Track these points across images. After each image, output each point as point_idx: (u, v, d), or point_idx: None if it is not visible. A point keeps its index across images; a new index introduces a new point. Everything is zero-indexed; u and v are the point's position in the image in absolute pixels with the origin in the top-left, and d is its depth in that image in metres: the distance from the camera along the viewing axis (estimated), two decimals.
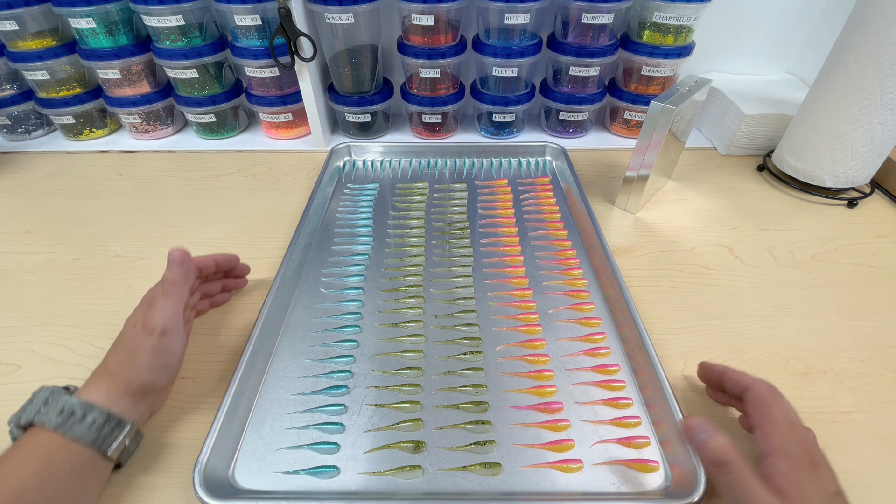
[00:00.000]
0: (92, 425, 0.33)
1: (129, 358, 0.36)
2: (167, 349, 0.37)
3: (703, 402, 0.42)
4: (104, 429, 0.33)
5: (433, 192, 0.67)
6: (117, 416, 0.34)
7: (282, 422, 0.40)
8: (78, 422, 0.32)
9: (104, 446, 0.33)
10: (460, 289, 0.52)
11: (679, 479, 0.35)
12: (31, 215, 0.64)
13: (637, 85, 0.75)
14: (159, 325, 0.36)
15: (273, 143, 0.80)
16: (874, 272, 0.54)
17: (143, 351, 0.36)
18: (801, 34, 0.78)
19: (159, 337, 0.36)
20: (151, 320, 0.37)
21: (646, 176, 0.59)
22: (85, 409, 0.33)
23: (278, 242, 0.58)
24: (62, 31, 0.73)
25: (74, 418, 0.32)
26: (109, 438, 0.33)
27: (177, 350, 0.38)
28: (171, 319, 0.37)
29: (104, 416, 0.33)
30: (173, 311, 0.38)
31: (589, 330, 0.47)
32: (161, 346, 0.36)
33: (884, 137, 0.58)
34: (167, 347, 0.37)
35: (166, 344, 0.37)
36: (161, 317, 0.37)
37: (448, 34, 0.70)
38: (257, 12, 0.67)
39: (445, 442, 0.38)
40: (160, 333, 0.36)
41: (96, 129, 0.80)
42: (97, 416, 0.33)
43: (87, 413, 0.33)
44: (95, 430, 0.33)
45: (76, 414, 0.33)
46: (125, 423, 0.34)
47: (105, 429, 0.33)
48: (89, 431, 0.32)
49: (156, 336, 0.36)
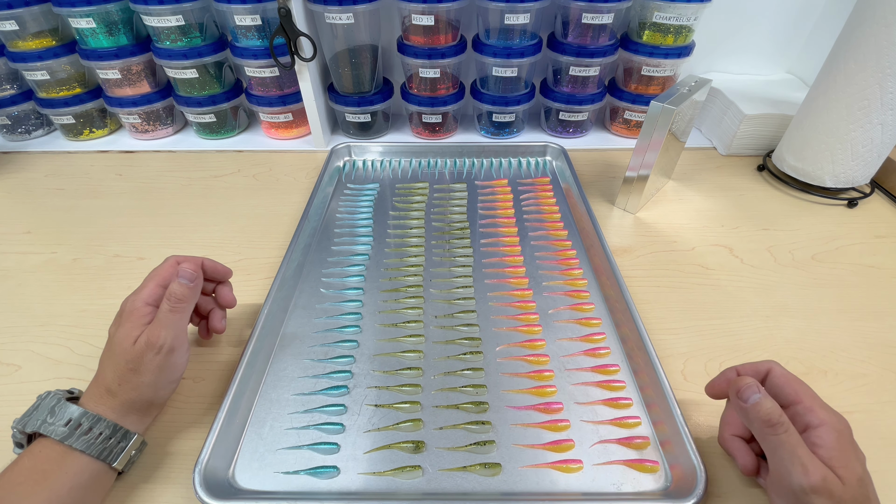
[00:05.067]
0: (98, 437, 0.33)
1: (133, 377, 0.35)
2: (174, 365, 0.37)
3: (703, 402, 0.42)
4: (111, 440, 0.33)
5: (433, 192, 0.67)
6: (123, 428, 0.34)
7: (282, 422, 0.40)
8: (84, 434, 0.32)
9: (110, 458, 0.33)
10: (460, 289, 0.52)
11: (679, 479, 0.35)
12: (31, 215, 0.64)
13: (637, 85, 0.75)
14: (167, 343, 0.35)
15: (273, 143, 0.80)
16: (874, 272, 0.54)
17: (148, 369, 0.35)
18: (801, 34, 0.78)
19: (166, 355, 0.36)
20: (158, 337, 0.35)
21: (646, 176, 0.59)
22: (92, 422, 0.33)
23: (278, 242, 0.58)
24: (62, 31, 0.73)
25: (81, 430, 0.32)
26: (116, 450, 0.33)
27: (182, 365, 0.38)
28: (178, 337, 0.37)
29: (111, 429, 0.33)
30: (181, 328, 0.37)
31: (589, 330, 0.47)
32: (168, 364, 0.36)
33: (884, 137, 0.58)
34: (174, 364, 0.36)
35: (174, 361, 0.36)
36: (169, 335, 0.36)
37: (448, 34, 0.70)
38: (257, 12, 0.67)
39: (445, 442, 0.38)
40: (167, 352, 0.36)
41: (96, 129, 0.80)
42: (104, 428, 0.33)
43: (94, 426, 0.33)
44: (102, 441, 0.33)
45: (83, 426, 0.32)
46: (131, 435, 0.35)
47: (112, 440, 0.33)
48: (96, 444, 0.32)
49: (163, 354, 0.35)
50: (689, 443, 0.36)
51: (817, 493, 0.27)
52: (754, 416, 0.30)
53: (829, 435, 0.29)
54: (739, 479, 0.36)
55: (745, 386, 0.31)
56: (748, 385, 0.31)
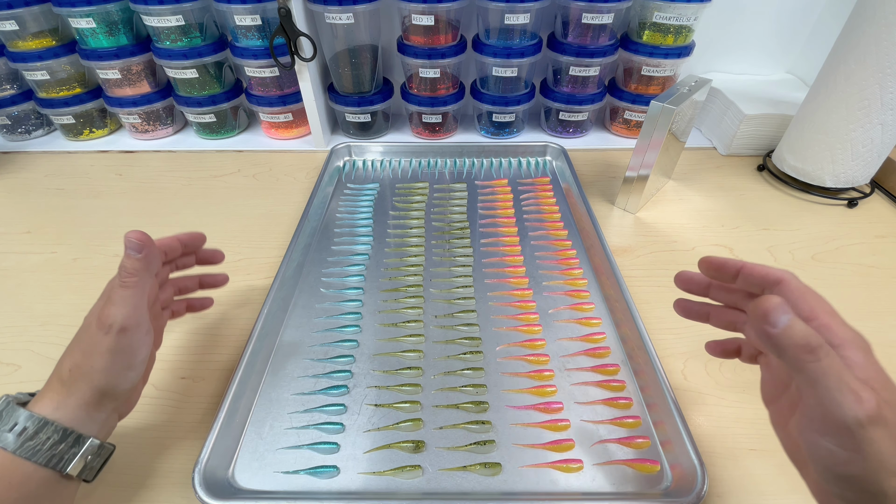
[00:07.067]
0: (45, 443, 0.29)
1: (84, 361, 0.31)
2: (128, 348, 0.32)
3: (703, 402, 0.42)
4: (60, 446, 0.29)
5: (433, 192, 0.67)
6: (75, 431, 0.30)
7: (282, 422, 0.40)
8: (29, 439, 0.29)
9: (61, 465, 0.29)
10: (460, 289, 0.52)
11: (679, 479, 0.35)
12: (31, 215, 0.64)
13: (637, 85, 0.75)
14: (117, 321, 0.31)
15: (273, 143, 0.80)
16: (874, 272, 0.54)
17: (99, 352, 0.31)
18: (801, 34, 0.78)
19: (117, 335, 0.31)
20: (108, 316, 0.31)
21: (646, 176, 0.59)
22: (37, 426, 0.29)
23: (278, 242, 0.58)
24: (62, 31, 0.73)
25: (26, 435, 0.29)
26: (67, 456, 0.30)
27: (140, 348, 0.32)
28: (130, 314, 0.31)
29: (59, 433, 0.29)
30: (133, 304, 0.32)
31: (589, 330, 0.47)
32: (120, 346, 0.31)
33: (884, 137, 0.58)
34: (128, 346, 0.31)
35: (126, 342, 0.31)
36: (119, 312, 0.31)
37: (448, 34, 0.70)
38: (257, 12, 0.67)
39: (445, 442, 0.38)
40: (118, 331, 0.31)
41: (96, 129, 0.80)
42: (51, 433, 0.29)
43: (40, 430, 0.29)
44: (49, 448, 0.29)
45: (27, 431, 0.29)
46: (84, 439, 0.30)
47: (62, 446, 0.29)
48: (42, 451, 0.29)
49: (113, 334, 0.31)
50: (689, 443, 0.36)
51: (874, 422, 0.22)
52: (787, 342, 0.23)
53: (857, 354, 0.24)
54: (739, 479, 0.36)
55: (774, 306, 0.23)
56: (776, 305, 0.23)
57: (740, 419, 0.40)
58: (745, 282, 0.30)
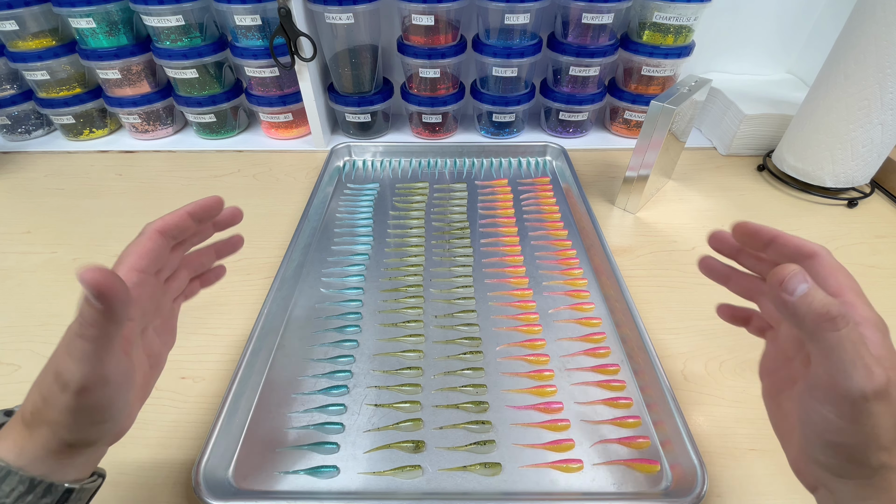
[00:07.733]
0: (10, 494, 0.24)
1: (44, 409, 0.25)
2: (93, 407, 0.25)
3: (703, 402, 0.42)
4: (28, 497, 0.24)
5: (433, 192, 0.67)
6: (44, 481, 0.25)
7: (282, 422, 0.40)
8: None
9: None
10: (460, 289, 0.52)
11: (679, 479, 0.35)
12: (31, 215, 0.64)
13: (637, 85, 0.75)
14: (74, 380, 0.24)
15: (273, 143, 0.80)
16: (874, 272, 0.54)
17: (57, 408, 0.25)
18: (802, 34, 0.78)
19: (76, 396, 0.24)
20: (63, 372, 0.24)
21: (646, 176, 0.59)
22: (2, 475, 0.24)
23: (278, 242, 0.58)
24: (62, 31, 0.73)
25: None
26: None
27: (111, 404, 0.26)
28: (91, 372, 0.24)
29: (25, 484, 0.24)
30: (97, 359, 0.24)
31: (589, 330, 0.47)
32: (81, 406, 0.25)
33: (884, 137, 0.58)
34: (94, 405, 0.25)
35: (90, 402, 0.25)
36: (77, 370, 0.24)
37: (448, 34, 0.70)
38: (257, 12, 0.67)
39: (445, 442, 0.38)
40: (77, 392, 0.24)
41: (96, 129, 0.80)
42: (16, 483, 0.24)
43: (3, 481, 0.24)
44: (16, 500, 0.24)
45: None
46: (57, 487, 0.25)
47: (29, 497, 0.25)
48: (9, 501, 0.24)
49: (70, 394, 0.24)
50: (689, 443, 0.36)
51: (879, 397, 0.22)
52: (805, 310, 0.23)
53: (875, 334, 0.24)
54: (739, 479, 0.36)
55: (791, 274, 0.23)
56: (794, 273, 0.23)
57: (740, 419, 0.40)
58: (778, 252, 0.30)
